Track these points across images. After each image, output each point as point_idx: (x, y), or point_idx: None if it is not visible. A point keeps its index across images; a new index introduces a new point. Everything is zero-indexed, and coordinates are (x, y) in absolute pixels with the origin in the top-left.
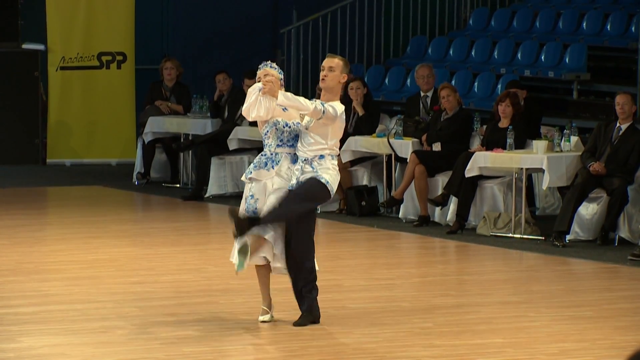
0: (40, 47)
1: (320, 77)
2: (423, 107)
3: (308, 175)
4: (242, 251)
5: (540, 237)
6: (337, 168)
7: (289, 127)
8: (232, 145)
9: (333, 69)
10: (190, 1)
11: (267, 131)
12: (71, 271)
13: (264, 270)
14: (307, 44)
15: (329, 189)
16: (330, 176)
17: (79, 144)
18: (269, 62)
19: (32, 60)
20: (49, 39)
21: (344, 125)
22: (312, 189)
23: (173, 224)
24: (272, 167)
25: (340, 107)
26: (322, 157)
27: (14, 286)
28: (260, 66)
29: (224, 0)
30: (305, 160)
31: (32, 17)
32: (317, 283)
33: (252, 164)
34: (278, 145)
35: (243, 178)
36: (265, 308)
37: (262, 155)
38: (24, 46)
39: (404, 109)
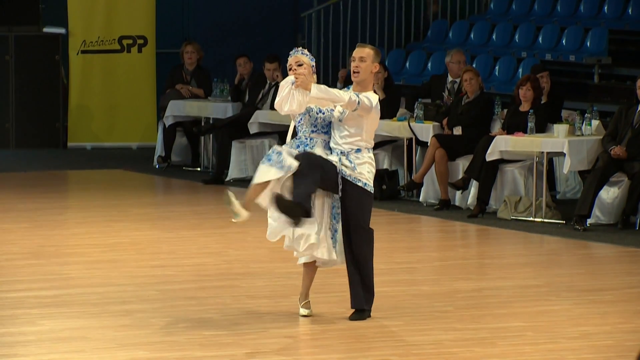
0: (61, 30)
1: (352, 69)
2: (448, 92)
3: (347, 176)
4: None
5: (561, 221)
6: (374, 160)
7: (323, 113)
8: (253, 129)
9: (364, 59)
10: None
11: (301, 119)
12: (92, 254)
13: (311, 267)
14: (328, 28)
15: (369, 190)
16: (368, 173)
17: (100, 128)
18: (300, 48)
19: (53, 44)
20: (70, 22)
21: (379, 116)
22: (360, 208)
23: (194, 208)
24: (305, 149)
25: (374, 98)
26: (358, 150)
27: (35, 269)
28: (291, 52)
29: None
30: (342, 153)
31: (53, 0)
32: (339, 267)
33: (283, 148)
34: (312, 132)
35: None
36: (305, 302)
37: (296, 139)
38: (45, 30)
39: (427, 87)
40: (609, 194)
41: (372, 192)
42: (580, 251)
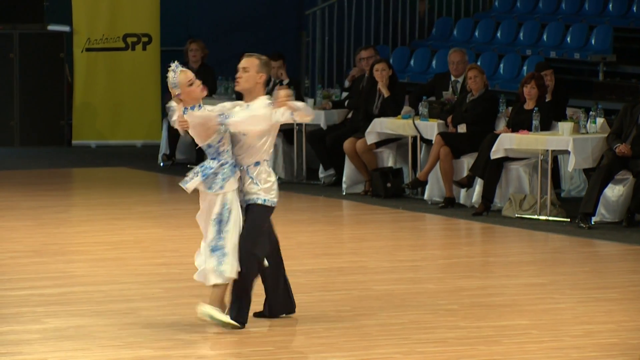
0: (66, 28)
1: (237, 78)
2: (453, 91)
3: (249, 196)
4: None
5: (565, 219)
6: (271, 170)
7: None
8: None
9: (247, 69)
10: None
11: (222, 138)
12: (96, 252)
13: None
14: (332, 26)
15: (270, 204)
16: (265, 191)
17: (104, 126)
18: (176, 62)
19: (57, 42)
20: (74, 20)
21: (275, 124)
22: (256, 222)
23: (197, 206)
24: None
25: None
26: (257, 163)
27: (39, 267)
28: (173, 68)
29: None
30: (242, 168)
31: None
32: (343, 264)
33: (216, 177)
34: (233, 151)
35: (213, 191)
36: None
37: (223, 164)
38: (49, 28)
39: (431, 85)
40: (613, 192)
41: (272, 205)
42: (585, 249)
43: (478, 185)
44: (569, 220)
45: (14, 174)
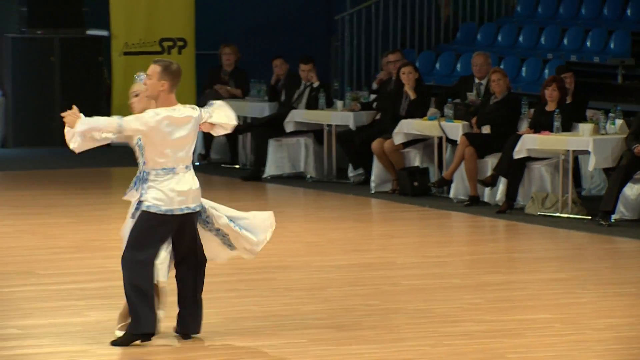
0: (104, 33)
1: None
2: (477, 93)
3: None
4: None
5: (586, 217)
6: (162, 179)
7: None
8: (289, 127)
9: (150, 76)
10: None
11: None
12: None
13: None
14: (361, 31)
15: (154, 210)
16: (150, 195)
17: None
18: (142, 73)
19: (96, 46)
20: (112, 25)
21: (167, 132)
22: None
23: (233, 203)
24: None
25: (148, 116)
26: (146, 172)
27: (80, 263)
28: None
29: None
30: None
31: (96, 4)
32: (372, 260)
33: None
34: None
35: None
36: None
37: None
38: (89, 32)
39: (456, 87)
40: (632, 191)
41: (156, 211)
42: (605, 246)
43: (502, 184)
44: (589, 217)
45: (55, 174)
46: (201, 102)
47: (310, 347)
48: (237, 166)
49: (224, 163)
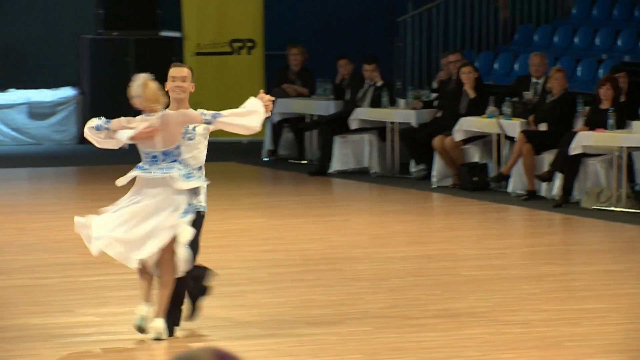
0: (177, 34)
1: (174, 87)
2: (534, 92)
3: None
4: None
5: (639, 211)
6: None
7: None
8: (353, 125)
9: (185, 78)
10: None
11: (179, 146)
12: (208, 240)
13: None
14: (422, 32)
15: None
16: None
17: None
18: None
19: (169, 47)
20: (184, 27)
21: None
22: None
23: (300, 197)
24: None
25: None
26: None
27: None
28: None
29: None
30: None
31: (170, 6)
32: (434, 252)
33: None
34: None
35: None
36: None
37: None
38: (162, 34)
39: (514, 86)
40: None
41: None
42: None
43: (558, 179)
44: None
45: (129, 169)
46: None
47: (374, 335)
48: (304, 162)
49: (291, 159)
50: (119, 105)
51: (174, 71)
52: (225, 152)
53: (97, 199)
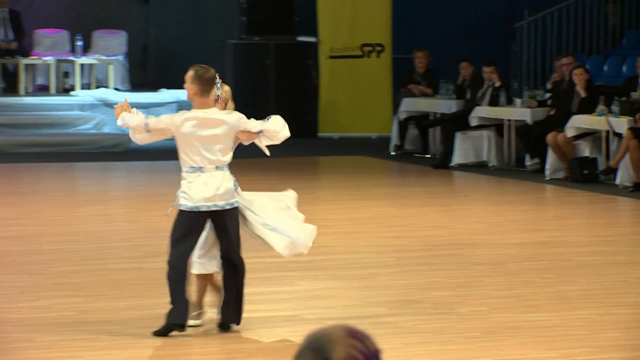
0: (313, 39)
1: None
2: None
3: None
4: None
5: None
6: (191, 177)
7: None
8: (473, 122)
9: (185, 80)
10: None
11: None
12: (340, 227)
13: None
14: (537, 37)
15: (182, 208)
16: (179, 191)
17: (345, 121)
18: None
19: (305, 51)
20: (320, 32)
21: (192, 133)
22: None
23: (424, 188)
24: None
25: (176, 116)
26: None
27: None
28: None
29: (461, 1)
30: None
31: (306, 14)
32: (547, 239)
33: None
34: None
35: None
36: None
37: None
38: (299, 39)
39: (622, 87)
40: None
41: (180, 207)
42: None
43: None
44: None
45: (271, 161)
46: (397, 100)
47: (492, 315)
48: (427, 156)
49: (416, 153)
50: (259, 104)
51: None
52: (355, 146)
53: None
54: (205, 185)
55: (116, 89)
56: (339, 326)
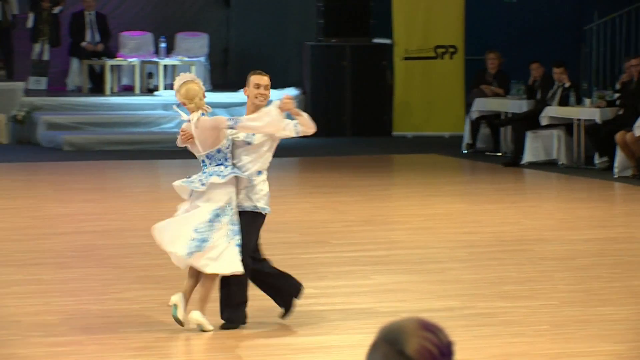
0: (388, 41)
1: (257, 95)
2: None
3: (246, 202)
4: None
5: None
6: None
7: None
8: (544, 121)
9: (269, 87)
10: (506, 2)
11: (229, 145)
12: (413, 222)
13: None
14: (606, 39)
15: (264, 212)
16: (260, 200)
17: (419, 120)
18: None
19: (380, 52)
20: (394, 35)
21: (280, 135)
22: (251, 228)
23: (495, 186)
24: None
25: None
26: (260, 173)
27: (367, 234)
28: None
29: (535, 2)
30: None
31: (381, 16)
32: (615, 234)
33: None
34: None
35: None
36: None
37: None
38: (374, 41)
39: None
40: None
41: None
42: None
43: None
44: None
45: (346, 159)
46: (469, 100)
47: (561, 308)
48: (498, 154)
49: (487, 151)
50: (335, 104)
51: (258, 79)
52: (428, 145)
53: (316, 185)
54: None
55: None
56: (412, 319)
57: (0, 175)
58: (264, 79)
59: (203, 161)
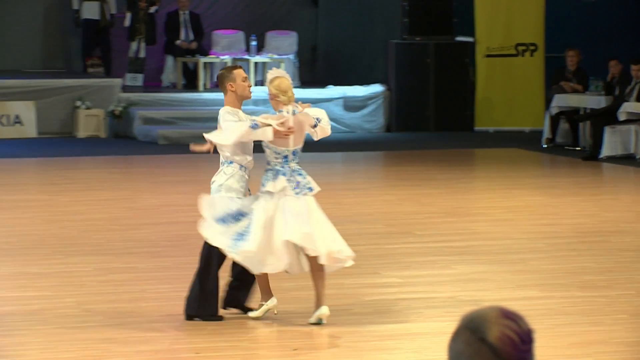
0: (470, 39)
1: (248, 87)
2: None
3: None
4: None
5: None
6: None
7: None
8: (622, 117)
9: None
10: (587, 1)
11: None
12: (494, 214)
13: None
14: None
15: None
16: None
17: (500, 115)
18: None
19: (463, 50)
20: (477, 33)
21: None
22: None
23: (574, 179)
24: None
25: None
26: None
27: (449, 225)
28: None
29: (613, 1)
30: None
31: (464, 15)
32: None
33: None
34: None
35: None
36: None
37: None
38: (457, 39)
39: None
40: None
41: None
42: None
43: None
44: None
45: (429, 153)
46: (549, 96)
47: (639, 298)
48: (577, 148)
49: (566, 146)
50: (419, 100)
51: (242, 72)
52: (509, 139)
53: (400, 178)
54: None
55: None
56: (493, 307)
57: (98, 167)
58: (242, 73)
59: (285, 157)
